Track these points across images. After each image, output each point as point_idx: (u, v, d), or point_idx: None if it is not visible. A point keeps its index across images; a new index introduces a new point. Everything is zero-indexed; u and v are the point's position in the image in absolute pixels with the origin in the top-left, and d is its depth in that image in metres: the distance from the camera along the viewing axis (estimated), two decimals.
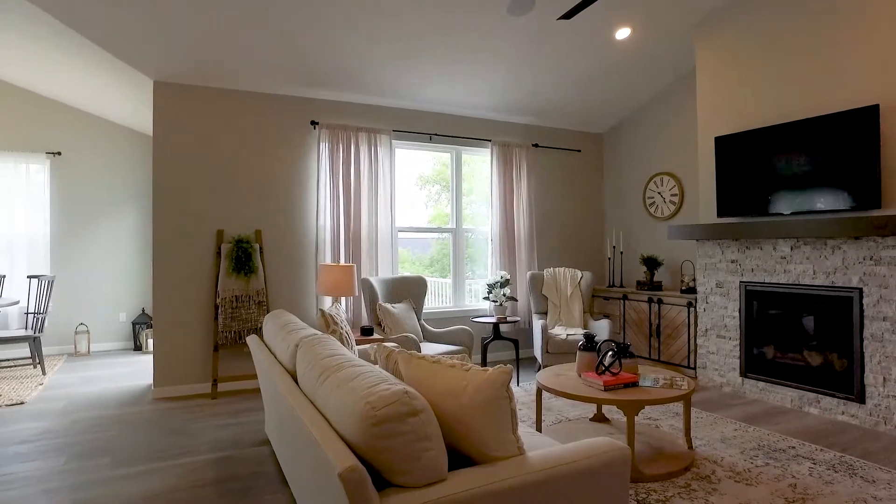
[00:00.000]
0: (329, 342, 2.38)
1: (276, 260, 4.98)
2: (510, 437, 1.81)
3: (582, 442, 1.91)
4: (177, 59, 4.32)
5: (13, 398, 4.47)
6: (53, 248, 6.36)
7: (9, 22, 4.18)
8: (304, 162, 5.11)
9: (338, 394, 1.82)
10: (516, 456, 1.80)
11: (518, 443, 1.83)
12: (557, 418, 3.94)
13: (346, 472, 1.48)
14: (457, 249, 5.96)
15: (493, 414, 1.76)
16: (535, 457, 1.79)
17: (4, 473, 3.06)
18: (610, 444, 1.90)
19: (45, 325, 5.48)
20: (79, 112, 6.45)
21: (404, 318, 4.71)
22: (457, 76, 5.03)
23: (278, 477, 2.99)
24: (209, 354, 4.72)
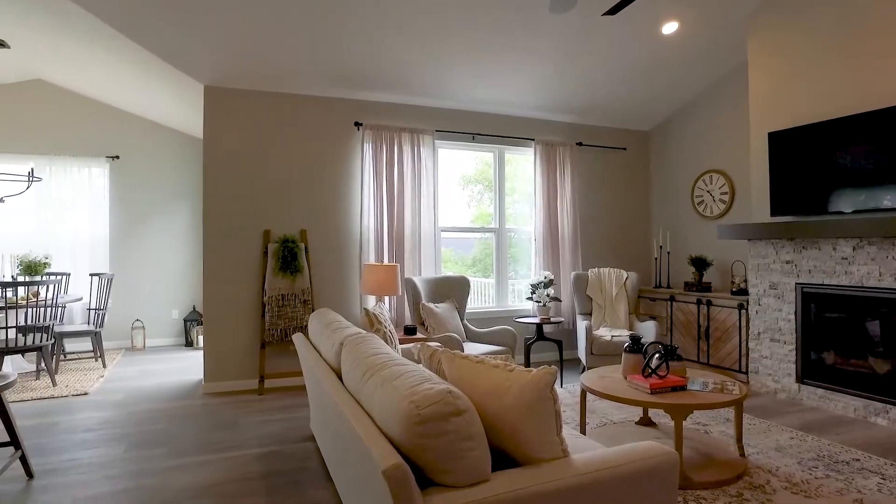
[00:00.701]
0: (373, 341, 2.41)
1: (321, 259, 5.08)
2: (554, 439, 1.78)
3: (628, 446, 1.86)
4: (226, 64, 4.46)
5: (78, 389, 4.71)
6: (112, 248, 6.66)
7: (74, 35, 4.40)
8: (349, 162, 5.19)
9: (382, 392, 1.83)
10: (560, 458, 1.77)
11: (562, 445, 1.80)
12: (602, 421, 3.87)
13: (390, 470, 1.49)
14: (500, 249, 5.93)
15: (536, 415, 1.74)
16: (579, 459, 1.76)
17: (73, 458, 3.24)
18: (657, 448, 1.85)
19: (105, 320, 5.75)
20: (135, 117, 6.74)
21: (447, 318, 4.72)
22: (499, 75, 5.01)
23: (323, 473, 3.04)
24: (256, 351, 4.85)
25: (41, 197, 6.30)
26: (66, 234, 6.46)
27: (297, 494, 2.78)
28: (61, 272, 6.03)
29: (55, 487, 2.87)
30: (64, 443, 3.50)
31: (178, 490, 2.83)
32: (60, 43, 4.80)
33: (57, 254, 6.37)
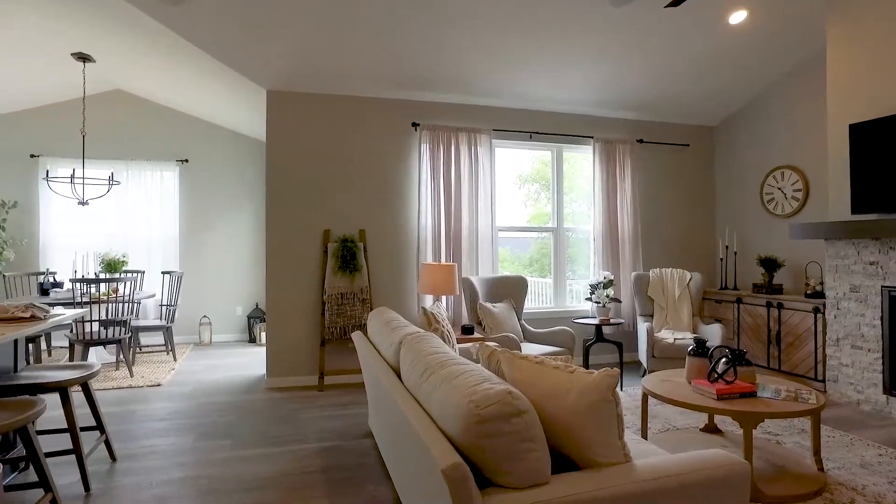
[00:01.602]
0: (432, 340, 2.42)
1: (379, 259, 5.16)
2: (616, 443, 1.74)
3: (694, 453, 1.79)
4: (287, 69, 4.60)
5: (152, 380, 4.98)
6: (182, 247, 7.00)
7: (150, 46, 4.65)
8: (406, 163, 5.25)
9: (441, 391, 1.83)
10: (622, 463, 1.73)
11: (624, 449, 1.75)
12: (664, 426, 3.74)
13: (449, 470, 1.49)
14: (558, 249, 5.84)
15: (598, 418, 1.70)
16: (642, 465, 1.71)
17: (148, 445, 3.43)
18: (726, 457, 1.77)
19: (175, 316, 6.05)
20: (203, 122, 7.06)
21: (505, 318, 4.69)
22: (558, 72, 4.93)
23: (381, 469, 3.08)
24: (316, 348, 4.98)
25: (119, 199, 6.69)
26: (140, 233, 6.84)
27: (355, 490, 2.83)
28: (137, 270, 6.39)
29: (135, 471, 3.04)
30: (141, 430, 3.71)
31: (243, 480, 2.94)
32: (137, 55, 5.09)
33: (133, 252, 6.75)
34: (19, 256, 6.46)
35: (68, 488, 2.83)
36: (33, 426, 2.34)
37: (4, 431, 2.09)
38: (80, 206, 5.89)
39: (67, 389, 2.80)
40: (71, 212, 6.51)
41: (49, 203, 6.52)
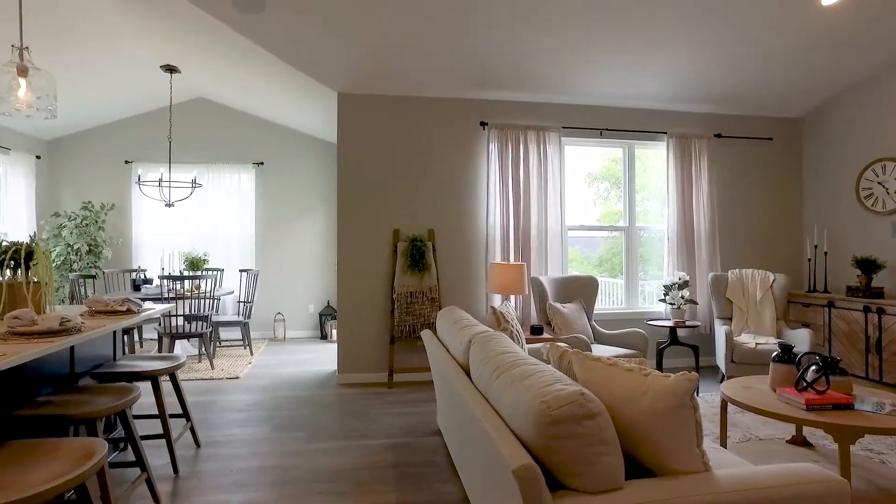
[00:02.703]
0: (501, 339, 2.40)
1: (448, 258, 5.19)
2: (694, 451, 1.66)
3: (783, 466, 1.68)
4: (357, 71, 4.71)
5: (230, 373, 5.24)
6: (258, 246, 7.32)
7: (227, 55, 4.89)
8: (475, 162, 5.25)
9: (512, 391, 1.82)
10: (701, 472, 1.65)
11: (703, 458, 1.67)
12: (745, 435, 3.55)
13: (520, 470, 1.47)
14: (629, 248, 5.66)
15: (675, 424, 1.63)
16: (723, 476, 1.62)
17: (227, 434, 3.61)
18: (820, 473, 1.65)
19: (252, 312, 6.33)
20: (277, 126, 7.35)
21: (574, 319, 4.60)
22: (630, 66, 4.78)
23: (449, 467, 3.09)
24: (386, 346, 5.07)
25: (201, 201, 7.08)
26: (220, 233, 7.21)
27: (424, 486, 2.85)
28: (217, 268, 6.74)
29: (217, 458, 3.21)
30: (222, 419, 3.91)
31: (316, 471, 3.04)
32: (218, 64, 5.36)
33: (213, 251, 7.13)
34: (115, 255, 6.97)
35: (160, 469, 3.02)
36: (130, 410, 2.51)
37: (109, 414, 2.26)
38: (167, 208, 6.28)
39: (158, 378, 2.99)
40: (159, 213, 6.95)
41: (141, 205, 7.00)
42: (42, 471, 1.63)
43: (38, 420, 2.18)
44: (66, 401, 2.35)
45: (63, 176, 7.00)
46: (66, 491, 1.57)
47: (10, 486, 1.53)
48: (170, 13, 4.25)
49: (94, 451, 1.74)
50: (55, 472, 1.61)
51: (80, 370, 2.89)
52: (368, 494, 2.76)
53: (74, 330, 2.34)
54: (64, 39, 4.76)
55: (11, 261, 2.76)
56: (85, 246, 6.48)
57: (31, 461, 1.69)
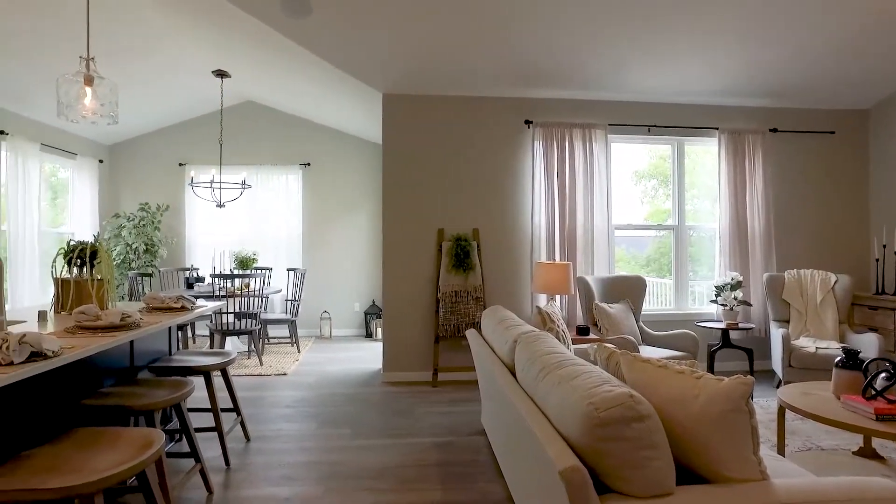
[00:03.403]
0: (547, 339, 2.38)
1: (493, 257, 5.17)
2: (750, 458, 1.60)
3: (850, 479, 1.60)
4: (402, 72, 4.74)
5: (278, 369, 5.37)
6: (304, 245, 7.48)
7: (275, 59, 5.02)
8: (519, 161, 5.21)
9: (558, 391, 1.79)
10: (758, 480, 1.58)
11: (760, 466, 1.60)
12: (805, 444, 3.39)
13: (567, 472, 1.45)
14: (678, 248, 5.50)
15: (729, 429, 1.57)
16: (783, 485, 1.55)
17: (276, 429, 3.70)
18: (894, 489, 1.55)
19: (299, 310, 6.47)
20: (323, 127, 7.49)
21: (622, 319, 4.50)
22: (679, 60, 4.64)
23: (493, 466, 3.08)
24: (430, 345, 5.09)
25: (250, 201, 7.28)
26: (268, 233, 7.40)
27: (469, 485, 2.85)
28: (265, 267, 6.92)
29: (266, 451, 3.30)
30: (270, 414, 4.01)
31: (361, 468, 3.08)
32: (266, 68, 5.51)
33: (262, 250, 7.32)
34: (170, 254, 7.26)
35: (212, 461, 3.12)
36: (185, 404, 2.60)
37: (165, 406, 2.36)
38: (218, 208, 6.49)
39: (210, 373, 3.09)
40: (210, 213, 7.19)
41: (193, 206, 7.26)
42: (107, 457, 1.71)
43: (102, 409, 2.28)
44: (127, 392, 2.46)
45: (122, 179, 7.33)
46: (128, 477, 1.64)
47: (79, 469, 1.62)
48: (220, 19, 4.39)
49: (152, 441, 1.81)
50: (119, 459, 1.68)
51: (139, 364, 3.02)
52: (413, 492, 2.78)
53: (134, 325, 2.44)
54: (125, 49, 4.98)
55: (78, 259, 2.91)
56: (142, 245, 6.76)
57: (96, 447, 1.78)
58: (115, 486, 1.61)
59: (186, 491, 2.77)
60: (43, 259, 5.74)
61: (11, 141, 5.41)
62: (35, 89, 5.18)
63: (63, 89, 2.93)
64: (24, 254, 5.51)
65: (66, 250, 2.94)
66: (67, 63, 4.55)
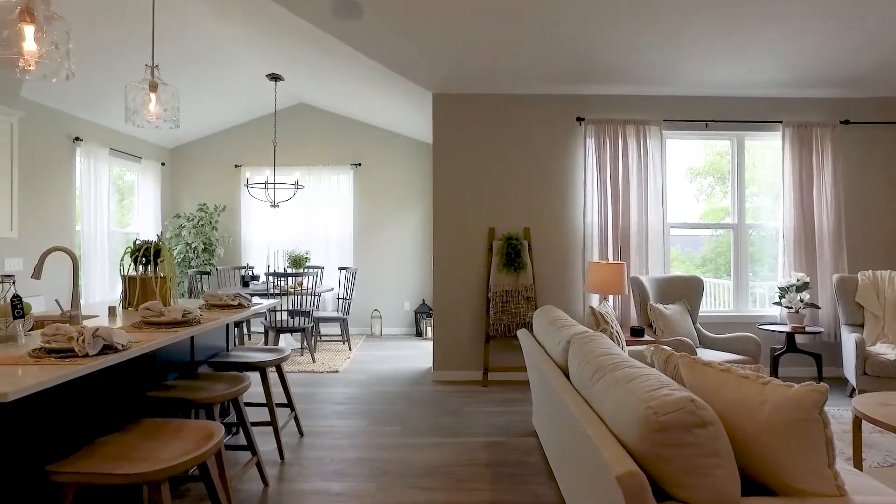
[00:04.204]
0: (602, 340, 2.32)
1: (544, 256, 5.10)
2: (825, 471, 1.50)
3: None
4: (452, 71, 4.74)
5: (330, 367, 5.47)
6: (356, 244, 7.59)
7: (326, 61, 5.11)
8: (571, 159, 5.12)
9: (614, 394, 1.74)
10: (834, 496, 1.49)
11: (836, 480, 1.51)
12: (886, 459, 3.18)
13: (625, 477, 1.41)
14: (738, 247, 5.28)
15: (800, 439, 1.49)
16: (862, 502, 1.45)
17: (328, 425, 3.76)
18: None
19: (350, 309, 6.57)
20: (374, 128, 7.58)
21: (678, 321, 4.36)
22: (740, 51, 4.44)
23: (545, 469, 3.03)
24: (481, 345, 5.07)
25: (303, 201, 7.45)
26: (320, 232, 7.56)
27: (519, 486, 2.82)
28: (318, 266, 7.06)
29: (318, 447, 3.36)
30: (323, 411, 4.09)
31: (411, 466, 3.09)
32: (318, 70, 5.62)
33: (314, 249, 7.48)
34: (227, 253, 7.51)
35: (267, 455, 3.21)
36: (242, 398, 2.68)
37: (224, 400, 2.43)
38: (272, 209, 6.67)
39: (266, 369, 3.17)
40: (265, 213, 7.40)
41: (249, 206, 7.49)
42: (172, 447, 1.78)
43: (166, 401, 2.38)
44: (189, 386, 2.55)
45: (182, 180, 7.64)
46: (191, 467, 1.70)
47: (147, 458, 1.69)
48: (274, 24, 4.51)
49: (213, 433, 1.87)
50: (182, 450, 1.74)
51: (199, 359, 3.13)
52: (463, 492, 2.77)
53: (195, 322, 2.53)
54: (185, 56, 5.18)
55: (143, 258, 3.04)
56: (201, 244, 7.03)
57: (162, 437, 1.85)
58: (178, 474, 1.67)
59: (243, 482, 2.86)
60: (111, 257, 6.05)
61: (85, 147, 5.73)
62: (104, 96, 5.46)
63: (131, 96, 3.07)
64: (96, 252, 5.82)
65: (133, 249, 3.08)
66: (132, 70, 4.76)
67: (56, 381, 1.57)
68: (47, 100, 5.21)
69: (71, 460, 1.68)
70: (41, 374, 1.57)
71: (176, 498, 2.69)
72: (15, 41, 2.01)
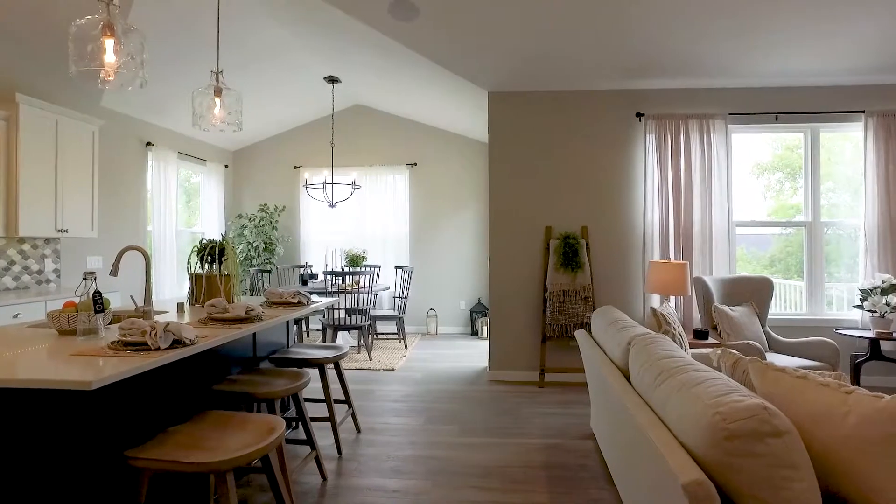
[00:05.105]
0: (664, 343, 2.24)
1: (602, 256, 4.98)
2: None
3: None
4: (508, 69, 4.69)
5: (386, 364, 5.53)
6: (411, 243, 7.65)
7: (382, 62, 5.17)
8: (630, 156, 4.98)
9: (678, 398, 1.68)
10: None
11: None
12: None
13: (692, 486, 1.35)
14: (812, 246, 4.98)
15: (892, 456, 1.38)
16: None
17: (384, 422, 3.81)
18: None
19: (406, 307, 6.63)
20: (429, 128, 7.62)
21: (745, 324, 4.16)
22: (813, 37, 4.18)
23: (604, 473, 2.96)
24: (537, 345, 5.00)
25: (359, 201, 7.58)
26: (377, 231, 7.66)
27: (577, 490, 2.76)
28: (374, 264, 7.16)
29: (375, 443, 3.40)
30: (379, 408, 4.14)
31: (467, 465, 3.08)
32: (374, 71, 5.69)
33: (371, 248, 7.59)
34: (286, 251, 7.74)
35: (325, 450, 3.27)
36: (302, 393, 2.74)
37: (285, 395, 2.50)
38: (330, 208, 6.82)
39: (325, 366, 3.24)
40: (323, 213, 7.57)
41: (307, 206, 7.69)
42: (236, 438, 1.84)
43: (230, 395, 2.46)
44: (251, 380, 2.63)
45: (244, 182, 7.92)
46: (255, 459, 1.75)
47: (215, 448, 1.76)
48: (331, 27, 4.60)
49: (275, 427, 1.92)
50: (247, 442, 1.80)
51: (261, 354, 3.23)
52: (519, 493, 2.74)
53: (257, 318, 2.61)
54: (246, 60, 5.37)
55: (209, 256, 3.16)
56: (262, 244, 7.27)
57: (227, 429, 1.92)
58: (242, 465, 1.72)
59: (303, 475, 2.93)
60: (178, 256, 6.34)
61: (156, 151, 6.03)
62: (172, 102, 5.72)
63: (197, 101, 3.20)
64: (165, 251, 6.12)
65: (199, 248, 3.21)
66: (197, 75, 4.98)
67: (133, 372, 1.66)
68: (122, 107, 5.51)
69: (147, 447, 1.77)
70: (120, 365, 1.66)
71: (239, 487, 2.78)
72: (97, 54, 2.14)
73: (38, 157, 4.21)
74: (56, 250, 4.81)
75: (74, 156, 4.58)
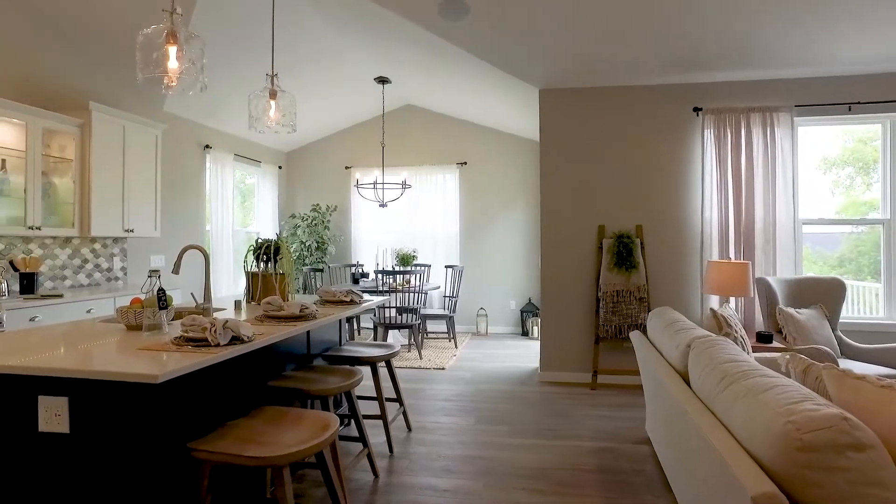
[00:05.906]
0: (726, 345, 2.14)
1: (657, 255, 4.83)
2: None
3: None
4: (558, 66, 4.61)
5: (436, 363, 5.54)
6: (462, 243, 7.64)
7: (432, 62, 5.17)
8: (687, 152, 4.81)
9: (744, 405, 1.60)
10: None
11: None
12: None
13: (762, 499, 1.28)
14: (890, 245, 4.67)
15: None
16: None
17: (434, 421, 3.81)
18: None
19: (456, 307, 6.62)
20: (479, 127, 7.58)
21: (813, 327, 3.94)
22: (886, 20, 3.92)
23: (660, 480, 2.86)
24: (590, 346, 4.90)
25: (410, 201, 7.62)
26: (427, 231, 7.69)
27: (632, 496, 2.68)
28: (424, 264, 7.19)
29: (426, 442, 3.41)
30: (430, 407, 4.14)
31: (517, 466, 3.04)
32: (424, 71, 5.71)
33: (421, 248, 7.63)
34: (338, 250, 7.87)
35: (376, 447, 3.30)
36: (355, 391, 2.77)
37: (339, 392, 2.53)
38: (381, 208, 6.88)
39: (377, 364, 3.26)
40: (374, 213, 7.66)
41: (358, 206, 7.79)
42: (292, 434, 1.87)
43: (285, 391, 2.51)
44: (305, 377, 2.68)
45: (297, 182, 8.11)
46: (310, 454, 1.77)
47: (272, 443, 1.80)
48: (381, 28, 4.63)
49: (329, 423, 1.94)
50: (302, 437, 1.83)
51: (314, 352, 3.29)
52: (572, 497, 2.68)
53: (311, 316, 2.65)
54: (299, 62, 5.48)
55: (264, 255, 3.24)
56: (314, 243, 7.42)
57: (283, 425, 1.95)
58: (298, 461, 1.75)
59: (355, 472, 2.96)
60: (235, 255, 6.55)
61: (214, 153, 6.25)
62: (228, 106, 5.91)
63: (253, 104, 3.29)
64: (222, 250, 6.34)
65: (255, 247, 3.30)
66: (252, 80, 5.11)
67: (195, 367, 1.71)
68: (183, 111, 5.74)
69: (208, 439, 1.82)
70: (182, 360, 1.71)
71: (294, 482, 2.84)
72: (161, 61, 2.23)
73: (107, 161, 4.43)
74: (123, 249, 5.05)
75: (139, 159, 4.79)
